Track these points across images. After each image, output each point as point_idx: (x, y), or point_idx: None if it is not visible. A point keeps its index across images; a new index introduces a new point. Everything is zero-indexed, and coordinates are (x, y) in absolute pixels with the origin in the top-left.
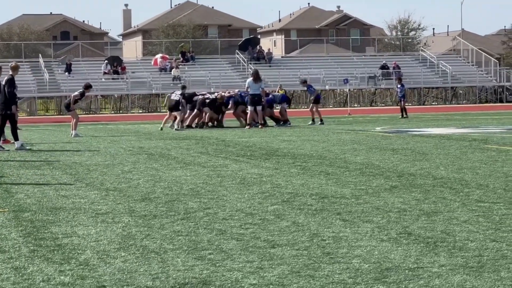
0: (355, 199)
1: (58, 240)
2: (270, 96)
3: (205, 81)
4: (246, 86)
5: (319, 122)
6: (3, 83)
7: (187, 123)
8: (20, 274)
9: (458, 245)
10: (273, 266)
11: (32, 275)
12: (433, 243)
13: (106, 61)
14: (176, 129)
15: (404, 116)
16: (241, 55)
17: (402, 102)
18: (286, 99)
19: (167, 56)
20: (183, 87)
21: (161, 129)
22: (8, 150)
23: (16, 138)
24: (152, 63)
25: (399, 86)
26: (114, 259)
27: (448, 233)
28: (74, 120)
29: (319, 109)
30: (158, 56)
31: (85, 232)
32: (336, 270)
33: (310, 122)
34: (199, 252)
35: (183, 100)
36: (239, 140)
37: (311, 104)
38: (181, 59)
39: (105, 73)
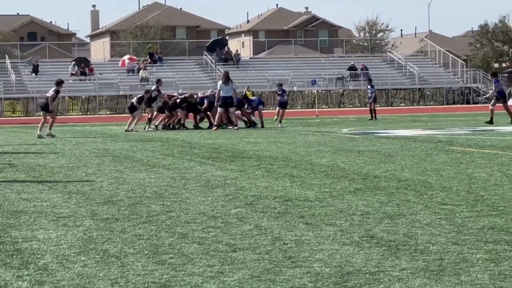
0: (319, 202)
1: (18, 244)
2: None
3: (173, 82)
4: (218, 89)
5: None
6: None
7: (157, 124)
8: None
9: (419, 248)
10: (234, 271)
11: None
12: (395, 247)
13: (73, 62)
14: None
15: (374, 118)
16: (209, 56)
17: (372, 104)
18: (261, 102)
19: (135, 57)
20: (147, 91)
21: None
22: None
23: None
24: (120, 64)
25: (369, 87)
26: (73, 264)
27: (410, 236)
28: (51, 120)
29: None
30: (126, 57)
31: (46, 236)
32: (297, 274)
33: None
34: (160, 256)
35: (136, 103)
36: (205, 142)
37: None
38: (149, 60)
39: (72, 74)
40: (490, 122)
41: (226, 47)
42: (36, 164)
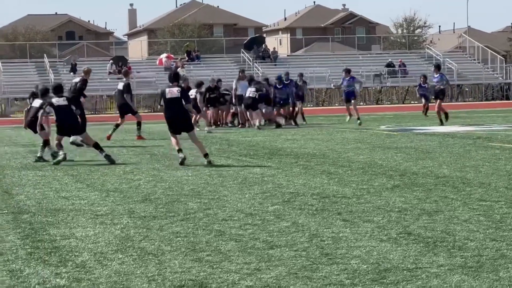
0: (356, 199)
1: (56, 242)
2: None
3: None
4: (234, 87)
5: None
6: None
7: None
8: (16, 277)
9: (457, 245)
10: (271, 268)
11: (28, 278)
12: (433, 243)
13: (111, 61)
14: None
15: (427, 114)
16: (246, 54)
17: (426, 100)
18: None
19: (173, 55)
20: (200, 85)
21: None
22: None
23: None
24: (157, 62)
25: (423, 84)
26: (111, 261)
27: (448, 233)
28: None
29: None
30: (163, 55)
31: (84, 233)
32: (334, 271)
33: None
34: (197, 254)
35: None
36: (242, 140)
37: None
38: (187, 58)
39: (110, 73)
40: None
41: (263, 45)
42: (74, 162)
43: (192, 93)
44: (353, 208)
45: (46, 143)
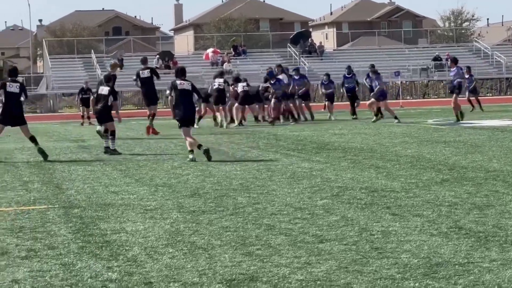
0: (405, 193)
1: (107, 236)
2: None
3: (257, 74)
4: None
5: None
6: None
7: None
8: (69, 271)
9: (510, 240)
10: (321, 262)
11: (80, 272)
12: (484, 238)
13: (157, 56)
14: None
15: (474, 109)
16: (292, 48)
17: (470, 94)
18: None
19: (219, 50)
20: (222, 74)
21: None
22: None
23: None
24: (204, 57)
25: (467, 77)
26: (161, 255)
27: (500, 227)
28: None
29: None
30: (210, 50)
31: (134, 228)
32: (384, 265)
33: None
34: (247, 248)
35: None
36: (290, 134)
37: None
38: (233, 53)
39: (156, 67)
40: None
41: (309, 39)
42: (122, 157)
43: (241, 85)
44: (402, 202)
45: (113, 133)
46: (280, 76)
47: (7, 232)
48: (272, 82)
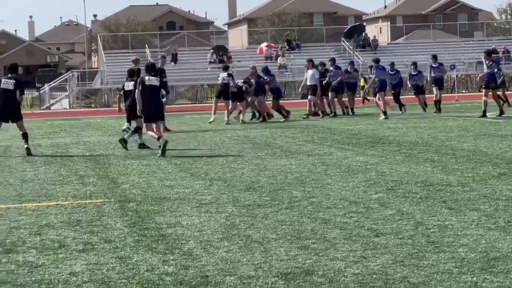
0: (461, 187)
1: (162, 230)
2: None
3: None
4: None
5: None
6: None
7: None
8: (125, 264)
9: None
10: (377, 255)
11: (137, 265)
12: None
13: (211, 51)
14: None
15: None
16: (346, 42)
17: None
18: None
19: (273, 44)
20: (226, 68)
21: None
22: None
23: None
24: (258, 51)
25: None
26: (217, 249)
27: None
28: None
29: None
30: (264, 44)
31: (189, 222)
32: (441, 260)
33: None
34: (302, 242)
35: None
36: (344, 128)
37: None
38: (287, 47)
39: (211, 62)
40: None
41: (363, 33)
42: (177, 151)
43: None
44: (459, 196)
45: (139, 129)
46: (311, 71)
47: (64, 225)
48: (266, 78)
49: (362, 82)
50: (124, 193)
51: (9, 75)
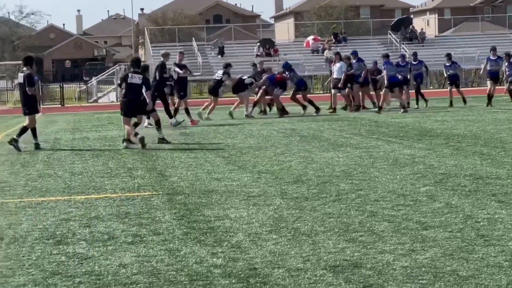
0: (511, 180)
1: (211, 222)
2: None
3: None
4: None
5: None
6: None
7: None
8: (174, 256)
9: None
10: (425, 249)
11: (186, 257)
12: None
13: (258, 44)
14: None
15: None
16: (393, 35)
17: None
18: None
19: (319, 37)
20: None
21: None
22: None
23: (170, 116)
24: (304, 45)
25: (506, 64)
26: (265, 242)
27: None
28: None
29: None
30: (310, 37)
31: (237, 214)
32: (491, 253)
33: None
34: (350, 234)
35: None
36: (391, 121)
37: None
38: (333, 40)
39: (257, 55)
40: None
41: (410, 26)
42: (225, 144)
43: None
44: (508, 190)
45: (159, 123)
46: (338, 64)
47: (113, 217)
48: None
49: None
50: (172, 186)
51: (24, 68)
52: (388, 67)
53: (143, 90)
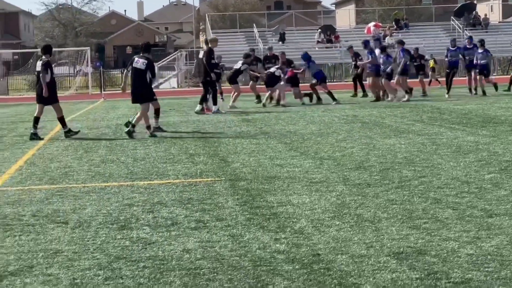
0: None
1: (274, 208)
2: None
3: (420, 49)
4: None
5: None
6: (201, 55)
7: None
8: (237, 242)
9: None
10: (491, 236)
11: (249, 243)
12: None
13: (319, 30)
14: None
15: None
16: (456, 21)
17: None
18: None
19: (381, 24)
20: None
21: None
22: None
23: (214, 103)
24: (366, 31)
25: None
26: (328, 228)
27: None
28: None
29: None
30: (371, 24)
31: (300, 200)
32: None
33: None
34: (414, 221)
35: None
36: (454, 108)
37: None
38: (395, 26)
39: (318, 42)
40: None
41: (474, 12)
42: (286, 131)
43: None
44: None
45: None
46: (377, 51)
47: (176, 203)
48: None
49: (431, 64)
50: (235, 171)
51: (44, 56)
52: (403, 55)
53: (149, 76)
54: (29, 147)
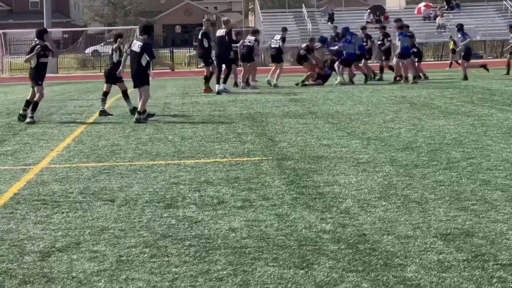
0: None
1: (320, 188)
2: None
3: (471, 29)
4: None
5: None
6: (219, 34)
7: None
8: (283, 221)
9: None
10: None
11: (295, 222)
12: None
13: (369, 11)
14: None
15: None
16: (509, 1)
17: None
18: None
19: (431, 4)
20: (255, 32)
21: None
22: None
23: (224, 82)
24: (416, 11)
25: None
26: (374, 208)
27: None
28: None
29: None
30: (422, 4)
31: (346, 181)
32: None
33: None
34: (462, 203)
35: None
36: (505, 89)
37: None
38: (446, 6)
39: (368, 22)
40: None
41: None
42: (334, 111)
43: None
44: None
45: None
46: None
47: (223, 182)
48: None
49: (451, 45)
50: (282, 151)
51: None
52: (402, 38)
53: (146, 58)
54: (78, 126)
